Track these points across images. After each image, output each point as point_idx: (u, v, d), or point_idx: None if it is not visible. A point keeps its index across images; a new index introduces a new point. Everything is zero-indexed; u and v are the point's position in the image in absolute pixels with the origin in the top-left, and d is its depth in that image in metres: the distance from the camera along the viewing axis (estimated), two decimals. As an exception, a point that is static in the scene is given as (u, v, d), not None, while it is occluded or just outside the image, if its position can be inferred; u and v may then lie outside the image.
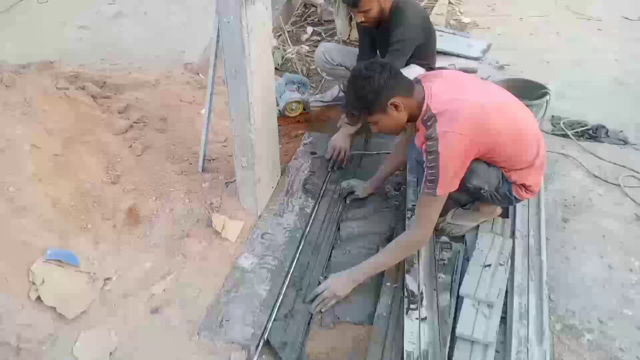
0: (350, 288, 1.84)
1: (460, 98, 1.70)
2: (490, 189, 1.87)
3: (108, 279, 1.94)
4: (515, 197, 1.91)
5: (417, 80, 1.86)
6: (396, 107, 1.74)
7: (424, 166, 1.72)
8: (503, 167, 1.84)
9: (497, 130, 1.69)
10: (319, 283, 1.91)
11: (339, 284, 1.84)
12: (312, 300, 1.84)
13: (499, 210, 2.12)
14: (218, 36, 1.96)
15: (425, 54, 2.62)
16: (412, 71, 2.56)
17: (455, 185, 1.71)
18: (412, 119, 1.80)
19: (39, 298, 1.76)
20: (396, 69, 1.77)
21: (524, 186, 1.88)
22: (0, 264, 1.77)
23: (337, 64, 2.91)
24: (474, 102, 1.69)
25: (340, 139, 2.57)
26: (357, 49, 2.88)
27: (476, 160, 1.78)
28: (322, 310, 1.81)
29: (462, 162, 1.69)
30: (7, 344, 1.64)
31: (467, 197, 2.05)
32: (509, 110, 1.78)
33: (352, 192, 2.34)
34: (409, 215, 2.14)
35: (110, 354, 1.68)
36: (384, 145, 2.72)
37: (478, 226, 2.09)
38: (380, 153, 2.69)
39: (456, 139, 1.63)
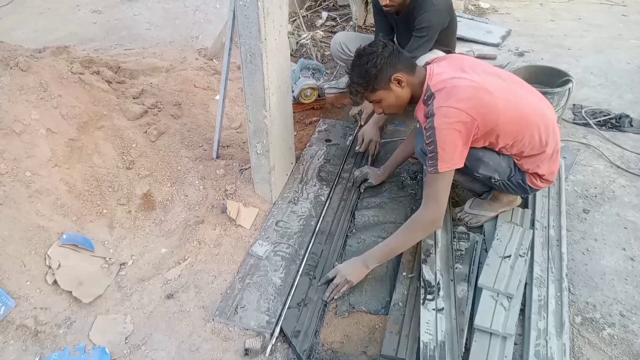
0: (362, 274, 1.82)
1: (459, 77, 1.68)
2: (502, 178, 1.84)
3: (123, 264, 1.95)
4: (530, 186, 1.87)
5: (426, 64, 1.84)
6: (399, 82, 1.75)
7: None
8: (514, 155, 1.80)
9: (498, 108, 1.64)
10: (333, 272, 1.89)
11: (350, 269, 1.82)
12: (325, 286, 1.83)
13: (518, 200, 2.07)
14: (233, 19, 1.92)
15: (447, 39, 2.57)
16: (434, 56, 2.51)
17: (457, 162, 1.66)
18: (414, 99, 1.80)
19: (55, 282, 1.77)
20: (398, 47, 1.78)
21: (537, 175, 1.84)
22: (17, 248, 1.78)
23: (353, 55, 2.84)
24: (474, 81, 1.66)
25: (370, 130, 2.52)
26: (373, 37, 2.81)
27: (485, 149, 1.75)
28: (335, 297, 1.79)
29: (458, 134, 1.62)
30: (25, 326, 1.66)
31: (481, 186, 2.01)
32: (512, 93, 1.73)
33: (366, 180, 2.32)
34: (425, 204, 2.11)
35: (126, 338, 1.69)
36: (401, 133, 2.68)
37: (497, 216, 2.05)
38: (394, 140, 2.65)
39: (451, 112, 1.61)
